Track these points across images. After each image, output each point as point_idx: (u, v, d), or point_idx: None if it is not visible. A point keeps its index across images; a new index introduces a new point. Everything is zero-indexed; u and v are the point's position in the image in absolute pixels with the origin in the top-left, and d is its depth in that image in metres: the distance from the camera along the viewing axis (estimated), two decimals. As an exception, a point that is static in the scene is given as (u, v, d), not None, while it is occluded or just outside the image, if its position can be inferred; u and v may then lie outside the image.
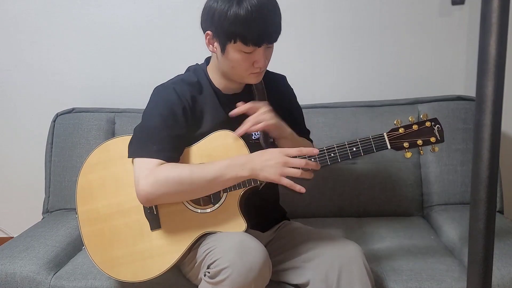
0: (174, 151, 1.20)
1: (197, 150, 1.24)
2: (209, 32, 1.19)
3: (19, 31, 2.00)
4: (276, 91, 1.36)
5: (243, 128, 1.21)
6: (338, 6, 1.88)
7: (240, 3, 1.11)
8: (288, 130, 1.26)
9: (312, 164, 1.15)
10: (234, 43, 1.15)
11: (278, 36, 1.19)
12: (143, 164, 1.17)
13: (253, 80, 1.24)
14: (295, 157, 1.15)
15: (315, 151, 1.15)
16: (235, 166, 1.16)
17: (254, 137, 1.29)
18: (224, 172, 1.16)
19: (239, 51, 1.16)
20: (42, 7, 1.96)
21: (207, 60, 1.33)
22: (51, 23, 1.97)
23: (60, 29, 1.98)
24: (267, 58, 1.21)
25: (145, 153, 1.19)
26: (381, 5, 1.87)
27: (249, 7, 1.10)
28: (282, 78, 1.43)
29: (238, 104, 1.24)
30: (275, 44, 1.21)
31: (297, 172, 1.13)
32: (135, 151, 1.22)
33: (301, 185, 1.14)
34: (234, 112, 1.23)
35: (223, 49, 1.18)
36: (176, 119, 1.21)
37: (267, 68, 1.38)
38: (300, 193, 1.14)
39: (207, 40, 1.21)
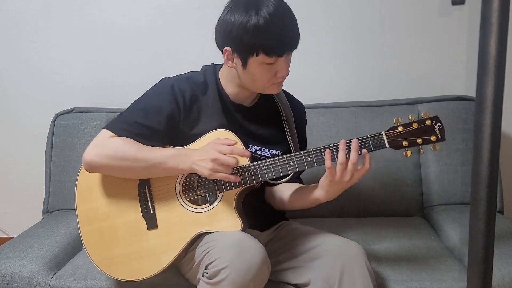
0: (139, 137, 1.21)
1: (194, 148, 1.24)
2: (227, 48, 1.17)
3: (19, 31, 2.00)
4: (297, 117, 1.37)
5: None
6: (338, 5, 1.88)
7: (258, 13, 1.09)
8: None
9: (237, 154, 1.14)
10: (256, 56, 1.14)
11: (298, 42, 1.17)
12: (102, 134, 1.22)
13: (275, 90, 1.24)
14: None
15: (247, 153, 1.15)
16: (179, 157, 1.18)
17: (250, 150, 1.29)
18: (167, 160, 1.18)
19: (262, 63, 1.15)
20: (42, 7, 1.96)
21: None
22: (51, 23, 1.97)
23: (60, 29, 1.98)
24: (288, 66, 1.20)
25: (112, 127, 1.22)
26: (381, 5, 1.87)
27: (267, 16, 1.09)
28: (302, 105, 1.43)
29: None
30: None
31: (223, 176, 1.14)
32: (107, 124, 1.26)
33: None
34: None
35: (244, 64, 1.17)
36: (159, 114, 1.22)
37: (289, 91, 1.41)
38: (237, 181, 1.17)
39: (225, 57, 1.20)
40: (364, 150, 1.12)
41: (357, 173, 1.12)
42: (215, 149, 1.15)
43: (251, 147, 1.29)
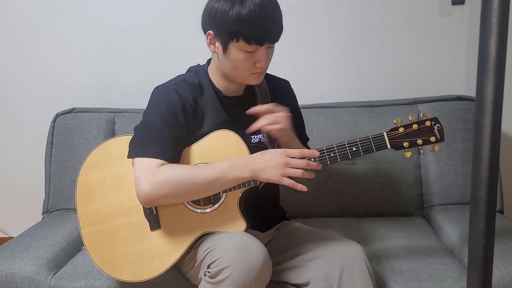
0: (176, 152, 1.20)
1: (197, 150, 1.24)
2: (210, 32, 1.19)
3: (19, 31, 2.00)
4: (280, 96, 1.36)
5: (257, 124, 1.21)
6: (338, 6, 1.88)
7: (243, 2, 1.11)
8: (296, 141, 1.28)
9: (313, 164, 1.15)
10: (236, 42, 1.15)
11: (280, 36, 1.19)
12: (144, 165, 1.17)
13: (254, 80, 1.24)
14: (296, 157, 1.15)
15: (316, 153, 1.15)
16: (237, 167, 1.16)
17: (254, 140, 1.29)
18: (226, 173, 1.16)
19: (241, 50, 1.16)
20: (42, 7, 1.96)
21: (209, 61, 1.32)
22: (51, 23, 1.97)
23: (60, 29, 1.98)
24: (269, 59, 1.21)
25: (146, 153, 1.18)
26: (381, 5, 1.87)
27: (251, 6, 1.11)
28: (286, 83, 1.43)
29: (256, 108, 1.22)
30: (276, 44, 1.21)
31: (298, 173, 1.13)
32: (135, 151, 1.21)
33: (302, 184, 1.14)
34: (252, 110, 1.22)
35: (225, 49, 1.18)
36: (177, 120, 1.21)
37: (271, 73, 1.39)
38: (302, 192, 1.14)
39: (208, 40, 1.21)
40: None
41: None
42: (284, 153, 1.15)
43: (255, 137, 1.29)
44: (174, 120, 1.21)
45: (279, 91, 1.37)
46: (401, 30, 1.88)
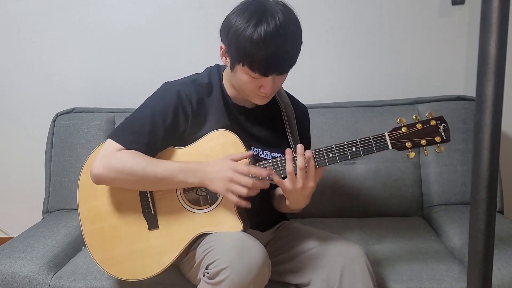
0: (146, 147, 1.20)
1: (195, 149, 1.24)
2: (222, 46, 1.19)
3: (19, 31, 2.00)
4: (300, 118, 1.37)
5: (288, 166, 1.12)
6: (338, 6, 1.88)
7: (256, 26, 1.08)
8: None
9: (259, 185, 1.15)
10: (242, 65, 1.14)
11: (290, 68, 1.16)
12: (109, 146, 1.20)
13: (259, 101, 1.23)
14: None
15: (264, 173, 1.14)
16: (187, 171, 1.17)
17: (253, 150, 1.29)
18: (175, 175, 1.17)
19: (247, 74, 1.15)
20: (42, 7, 1.96)
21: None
22: (51, 23, 1.98)
23: (60, 29, 1.98)
24: (276, 85, 1.19)
25: (119, 138, 1.21)
26: (381, 5, 1.87)
27: (262, 34, 1.07)
28: (305, 108, 1.43)
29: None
30: None
31: (242, 191, 1.13)
32: (113, 132, 1.24)
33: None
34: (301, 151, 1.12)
35: (232, 67, 1.18)
36: (165, 120, 1.21)
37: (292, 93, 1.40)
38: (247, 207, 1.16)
39: (221, 52, 1.21)
40: (307, 153, 1.11)
41: (307, 179, 1.12)
42: (232, 168, 1.14)
43: (253, 149, 1.29)
44: (162, 119, 1.21)
45: (299, 113, 1.37)
46: (401, 30, 1.88)
